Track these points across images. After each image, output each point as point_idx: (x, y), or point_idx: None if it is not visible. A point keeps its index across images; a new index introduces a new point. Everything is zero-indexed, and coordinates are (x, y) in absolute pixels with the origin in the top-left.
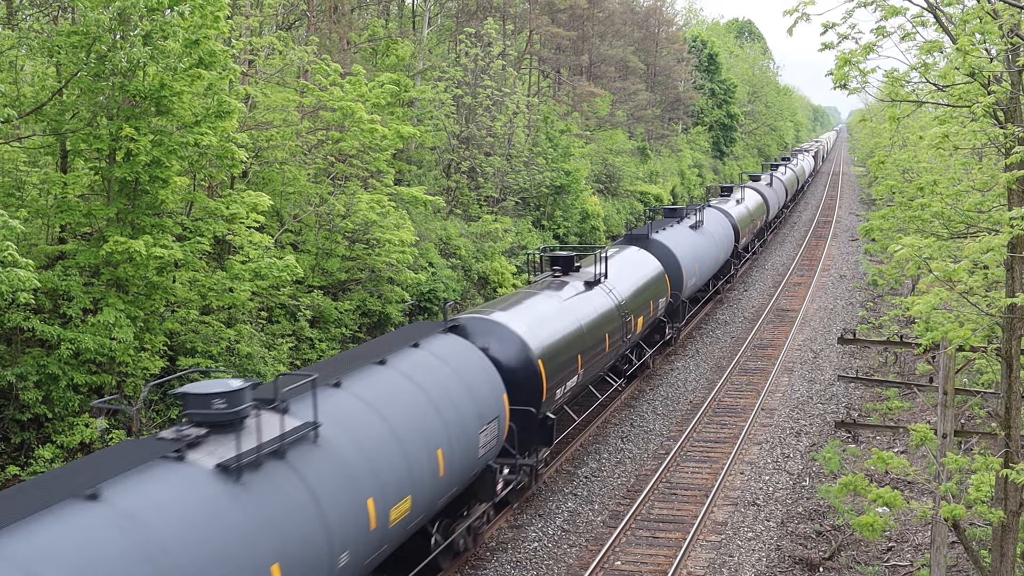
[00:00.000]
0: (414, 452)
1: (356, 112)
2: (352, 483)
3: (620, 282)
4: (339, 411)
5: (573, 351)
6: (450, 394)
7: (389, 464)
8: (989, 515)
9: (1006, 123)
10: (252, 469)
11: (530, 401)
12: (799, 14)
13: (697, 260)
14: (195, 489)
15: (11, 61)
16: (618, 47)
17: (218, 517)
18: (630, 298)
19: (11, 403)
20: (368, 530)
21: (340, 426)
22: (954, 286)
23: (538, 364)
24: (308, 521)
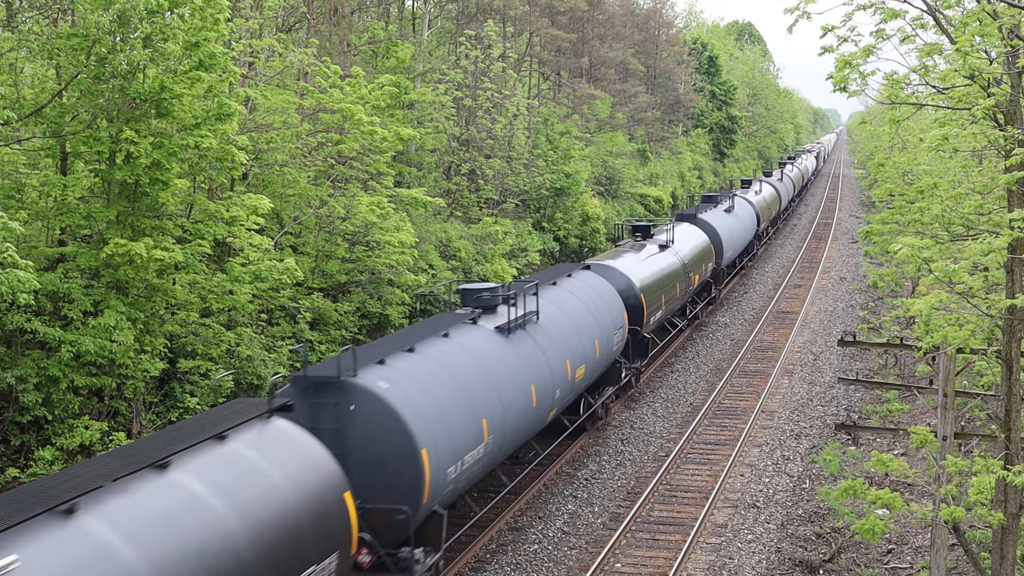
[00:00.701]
0: (586, 338)
1: (356, 114)
2: (557, 348)
3: (683, 247)
4: (543, 307)
5: (659, 290)
6: (597, 306)
7: (574, 342)
8: (989, 517)
9: (1006, 125)
10: (511, 332)
11: (635, 322)
12: (800, 12)
13: (732, 236)
14: (489, 337)
15: (11, 63)
16: (618, 49)
17: (503, 353)
18: (690, 259)
19: (11, 405)
20: (566, 379)
21: (545, 316)
22: (954, 287)
23: (640, 296)
24: (542, 364)
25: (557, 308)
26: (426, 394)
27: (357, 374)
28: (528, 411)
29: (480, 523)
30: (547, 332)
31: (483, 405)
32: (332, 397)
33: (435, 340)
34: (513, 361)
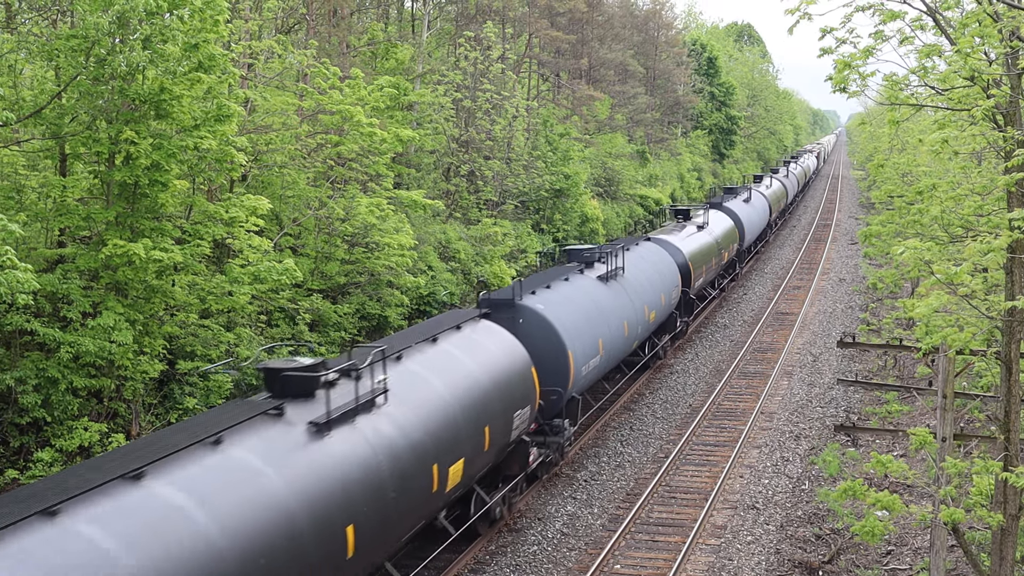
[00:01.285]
0: (656, 291)
1: (355, 116)
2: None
3: (716, 228)
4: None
5: (701, 261)
6: (660, 268)
7: (648, 292)
8: (988, 519)
9: (1005, 127)
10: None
11: (685, 284)
12: (801, 13)
13: (751, 223)
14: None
15: (10, 65)
16: (617, 51)
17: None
18: (721, 239)
19: (10, 407)
20: (644, 319)
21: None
22: (956, 288)
23: (689, 264)
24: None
25: (634, 266)
26: (566, 315)
27: (522, 299)
28: (622, 339)
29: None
30: (630, 283)
31: (598, 328)
32: (508, 313)
33: (561, 282)
34: (611, 301)
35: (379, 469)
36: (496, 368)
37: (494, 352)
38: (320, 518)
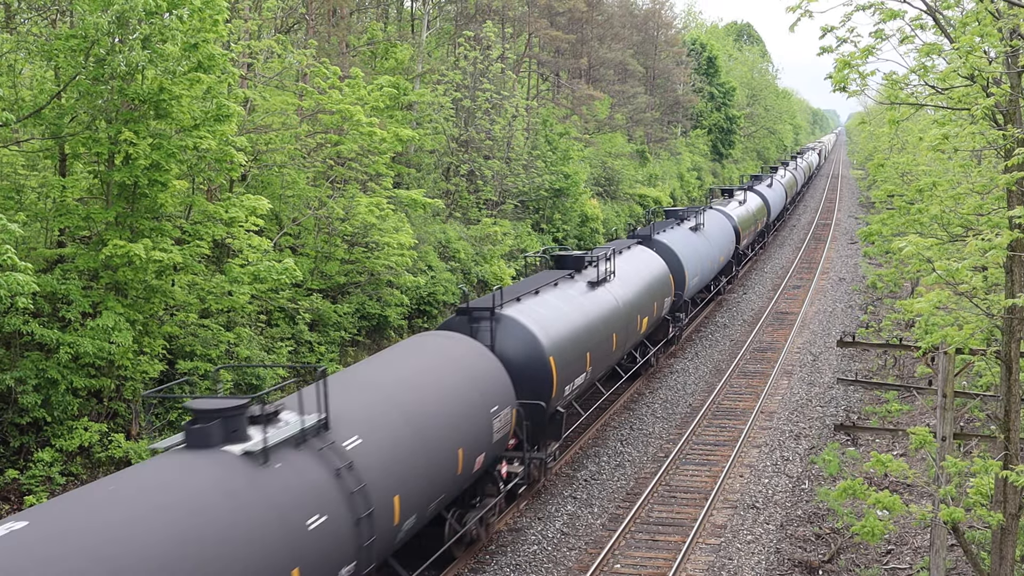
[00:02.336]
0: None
1: (355, 115)
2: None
3: (751, 203)
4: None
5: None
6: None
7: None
8: (988, 518)
9: (1005, 125)
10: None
11: (737, 241)
12: (802, 11)
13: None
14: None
15: (10, 65)
16: (617, 50)
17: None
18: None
19: (10, 407)
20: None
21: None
22: (957, 286)
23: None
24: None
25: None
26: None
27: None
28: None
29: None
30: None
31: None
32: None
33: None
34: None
35: (620, 307)
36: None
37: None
38: (603, 325)
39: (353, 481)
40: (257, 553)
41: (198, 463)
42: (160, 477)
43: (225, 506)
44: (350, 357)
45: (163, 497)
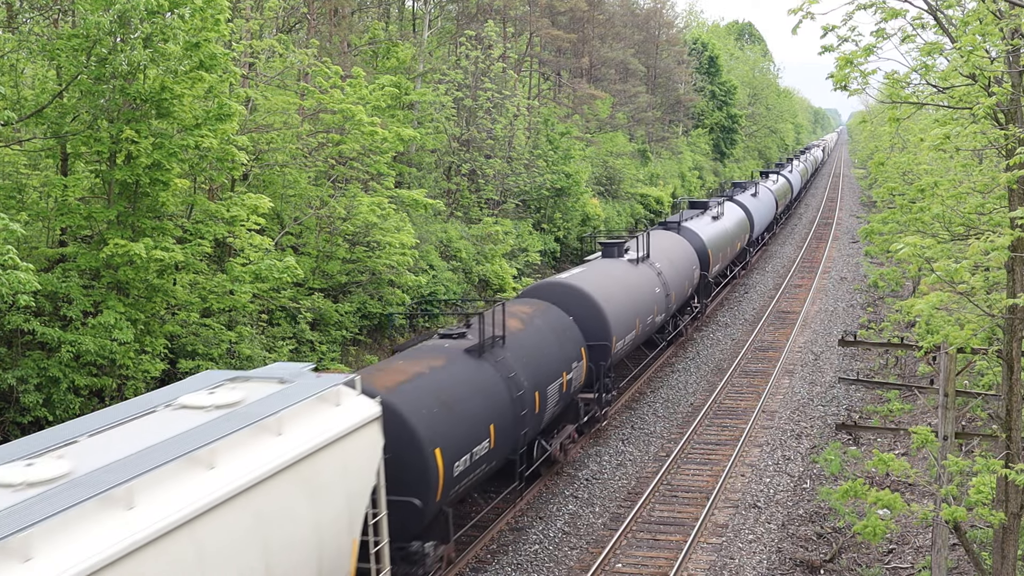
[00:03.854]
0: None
1: (356, 115)
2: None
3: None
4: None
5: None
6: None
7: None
8: (990, 517)
9: (1007, 124)
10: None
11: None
12: (804, 13)
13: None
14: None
15: (12, 64)
16: (618, 49)
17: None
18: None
19: (11, 406)
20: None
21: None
22: (956, 286)
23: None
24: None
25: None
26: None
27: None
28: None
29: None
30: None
31: (634, 305)
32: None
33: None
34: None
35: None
36: None
37: None
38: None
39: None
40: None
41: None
42: (435, 355)
43: (466, 375)
44: (351, 356)
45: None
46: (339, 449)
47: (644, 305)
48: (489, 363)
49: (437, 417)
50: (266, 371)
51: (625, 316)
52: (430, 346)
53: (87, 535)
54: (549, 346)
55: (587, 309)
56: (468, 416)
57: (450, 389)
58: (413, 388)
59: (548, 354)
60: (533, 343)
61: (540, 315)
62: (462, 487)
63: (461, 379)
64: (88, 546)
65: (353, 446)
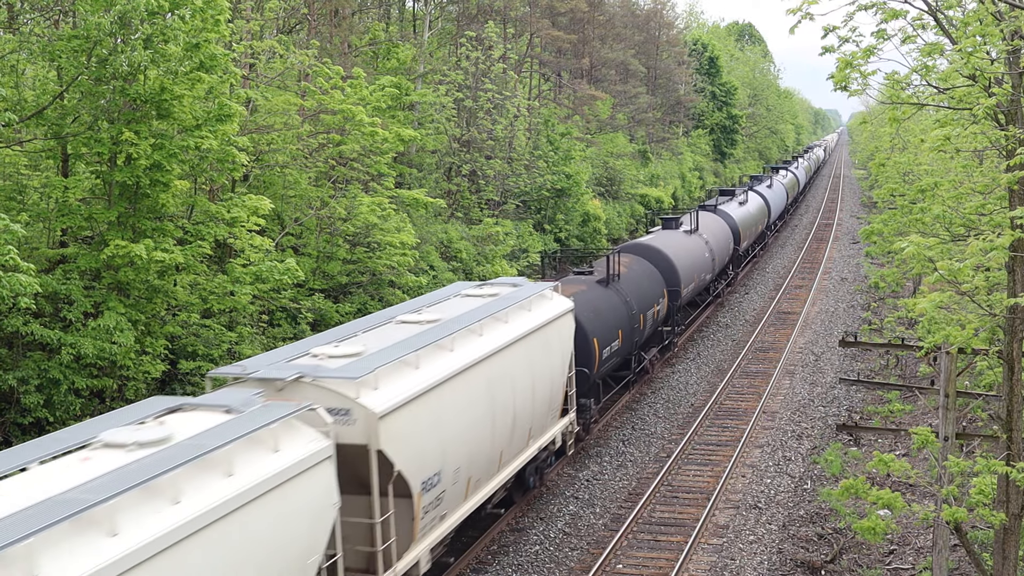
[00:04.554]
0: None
1: (357, 115)
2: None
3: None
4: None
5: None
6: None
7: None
8: (991, 518)
9: (1007, 125)
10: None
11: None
12: (802, 13)
13: (801, 177)
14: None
15: (12, 65)
16: (619, 50)
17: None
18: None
19: (12, 407)
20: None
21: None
22: (959, 285)
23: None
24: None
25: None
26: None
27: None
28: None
29: None
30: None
31: (693, 263)
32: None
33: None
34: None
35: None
36: None
37: None
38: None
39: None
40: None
41: (586, 282)
42: (580, 284)
43: (601, 296)
44: None
45: (586, 289)
46: (557, 323)
47: (699, 264)
48: (613, 291)
49: (593, 319)
50: (499, 281)
51: (688, 270)
52: (571, 279)
53: None
54: (645, 285)
55: (665, 263)
56: (607, 322)
57: (595, 303)
58: (577, 301)
59: (645, 290)
60: (635, 281)
61: (636, 263)
62: (606, 367)
63: (599, 298)
64: None
65: (562, 322)
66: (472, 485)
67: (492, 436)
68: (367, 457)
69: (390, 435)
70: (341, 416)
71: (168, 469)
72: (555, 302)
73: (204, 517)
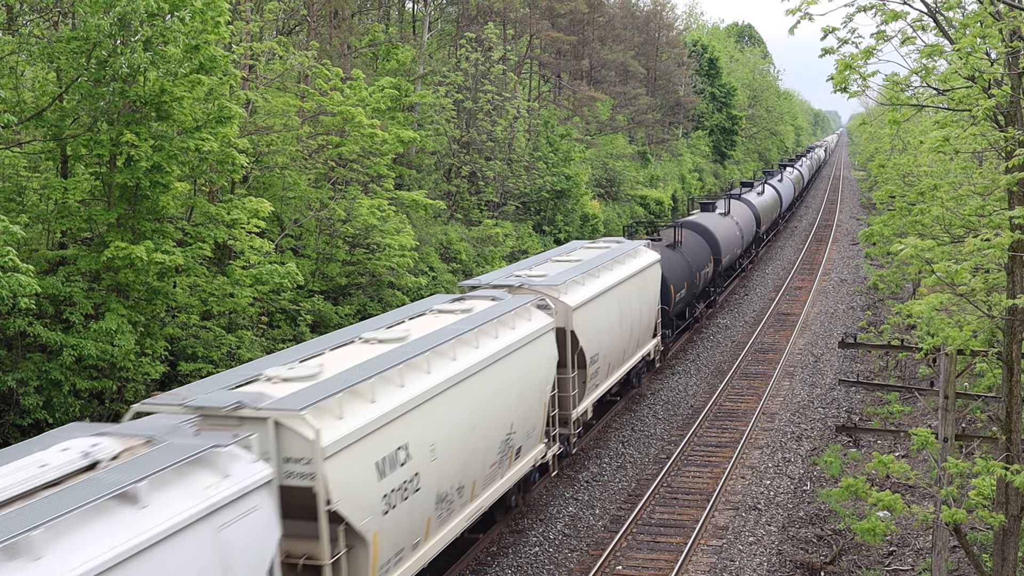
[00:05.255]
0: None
1: (357, 117)
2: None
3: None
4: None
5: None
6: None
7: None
8: (990, 519)
9: (1007, 126)
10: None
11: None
12: (801, 13)
13: (807, 172)
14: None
15: (12, 67)
16: (618, 51)
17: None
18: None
19: (12, 408)
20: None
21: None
22: (956, 287)
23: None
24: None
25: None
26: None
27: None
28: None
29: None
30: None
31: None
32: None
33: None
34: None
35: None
36: None
37: None
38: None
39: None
40: (680, 270)
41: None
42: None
43: (671, 256)
44: None
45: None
46: (651, 269)
47: (733, 240)
48: (678, 253)
49: (668, 271)
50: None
51: (726, 244)
52: (649, 243)
53: None
54: (698, 251)
55: (710, 236)
56: (677, 274)
57: (668, 260)
58: None
59: (698, 255)
60: (692, 248)
61: (690, 235)
62: (677, 308)
63: (670, 257)
64: None
65: (654, 269)
66: (610, 369)
67: (621, 336)
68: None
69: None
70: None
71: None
72: (648, 255)
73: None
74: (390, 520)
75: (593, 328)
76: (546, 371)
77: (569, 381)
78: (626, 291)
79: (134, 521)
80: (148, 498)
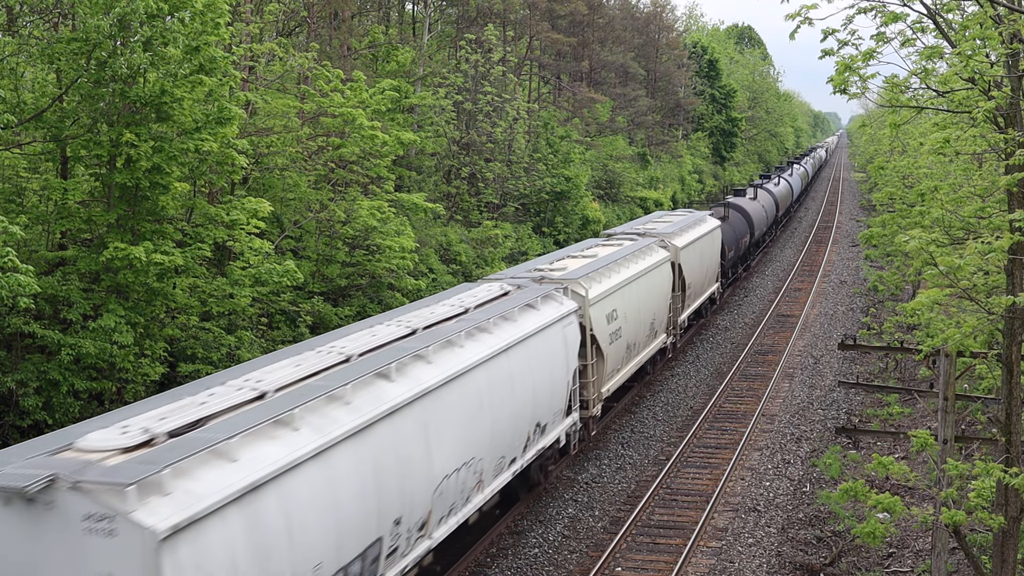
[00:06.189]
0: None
1: (357, 118)
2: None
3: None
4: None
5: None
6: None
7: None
8: (990, 521)
9: (1006, 128)
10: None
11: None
12: (801, 18)
13: (812, 169)
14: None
15: (12, 67)
16: (618, 53)
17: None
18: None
19: (11, 409)
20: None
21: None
22: (958, 282)
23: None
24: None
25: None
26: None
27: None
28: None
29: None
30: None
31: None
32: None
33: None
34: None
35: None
36: None
37: None
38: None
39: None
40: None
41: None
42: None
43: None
44: None
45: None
46: (714, 232)
47: (761, 220)
48: (727, 224)
49: (722, 235)
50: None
51: (758, 222)
52: (707, 214)
53: None
54: (739, 225)
55: (746, 214)
56: (728, 239)
57: (722, 227)
58: None
59: (739, 227)
60: (735, 222)
61: (732, 212)
62: (730, 262)
63: (722, 227)
64: None
65: (716, 232)
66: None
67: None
68: None
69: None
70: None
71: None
72: (711, 221)
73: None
74: (612, 348)
75: (687, 264)
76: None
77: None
78: (708, 241)
79: (536, 316)
80: (540, 306)
